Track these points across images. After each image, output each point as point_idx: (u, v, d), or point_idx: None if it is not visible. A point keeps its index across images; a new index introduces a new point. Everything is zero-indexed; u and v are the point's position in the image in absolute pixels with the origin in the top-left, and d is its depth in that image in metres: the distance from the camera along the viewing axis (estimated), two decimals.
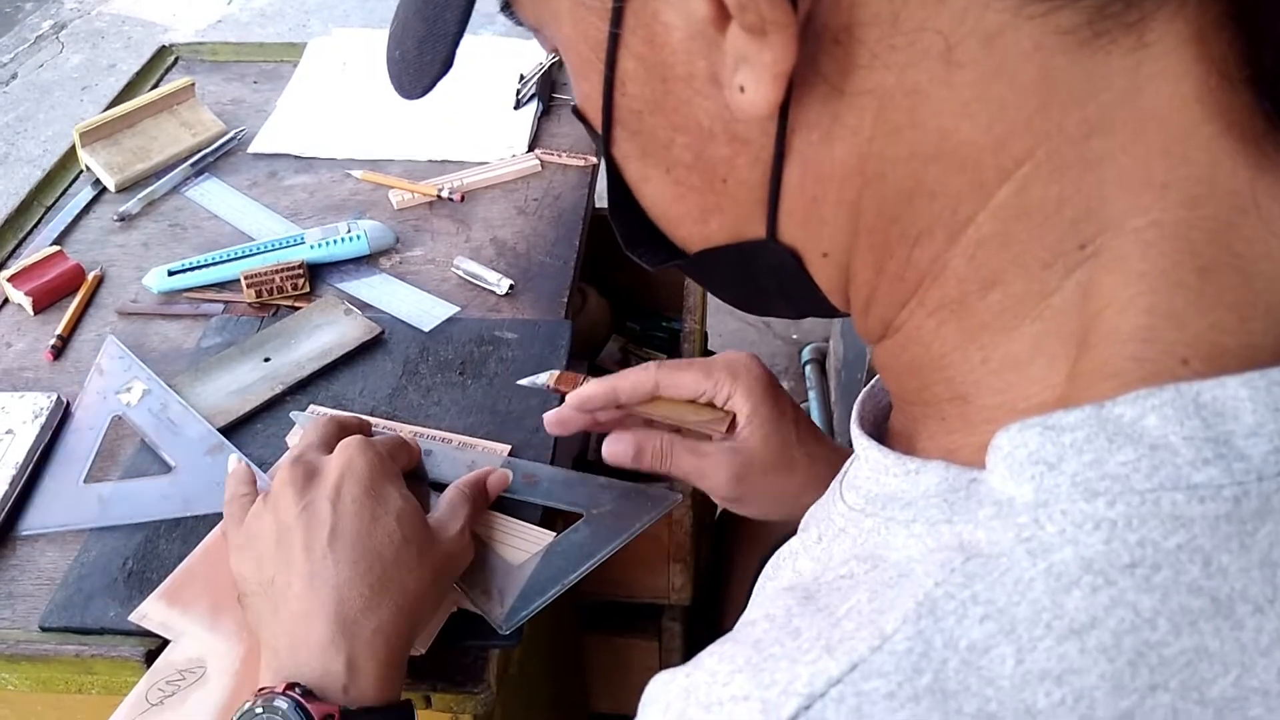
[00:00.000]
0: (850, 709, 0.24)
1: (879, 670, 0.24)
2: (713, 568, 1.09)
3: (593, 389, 0.63)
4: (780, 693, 0.25)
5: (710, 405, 0.61)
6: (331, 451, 0.61)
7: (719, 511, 1.09)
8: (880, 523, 0.31)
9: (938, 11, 0.26)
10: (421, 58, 0.39)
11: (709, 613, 1.06)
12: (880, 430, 0.41)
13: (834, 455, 0.63)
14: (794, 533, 0.58)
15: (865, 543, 0.31)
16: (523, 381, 0.67)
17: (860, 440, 0.36)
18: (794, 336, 2.20)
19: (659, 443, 0.61)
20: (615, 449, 0.62)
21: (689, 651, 1.07)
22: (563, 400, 0.63)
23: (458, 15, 0.36)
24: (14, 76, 3.41)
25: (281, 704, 0.49)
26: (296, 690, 0.50)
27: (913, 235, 0.30)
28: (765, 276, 0.37)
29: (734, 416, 0.60)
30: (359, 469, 0.58)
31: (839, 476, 0.39)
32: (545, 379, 0.66)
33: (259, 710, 0.50)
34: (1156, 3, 0.25)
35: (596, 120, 0.36)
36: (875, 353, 0.37)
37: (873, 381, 0.43)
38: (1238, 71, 0.25)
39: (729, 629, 0.33)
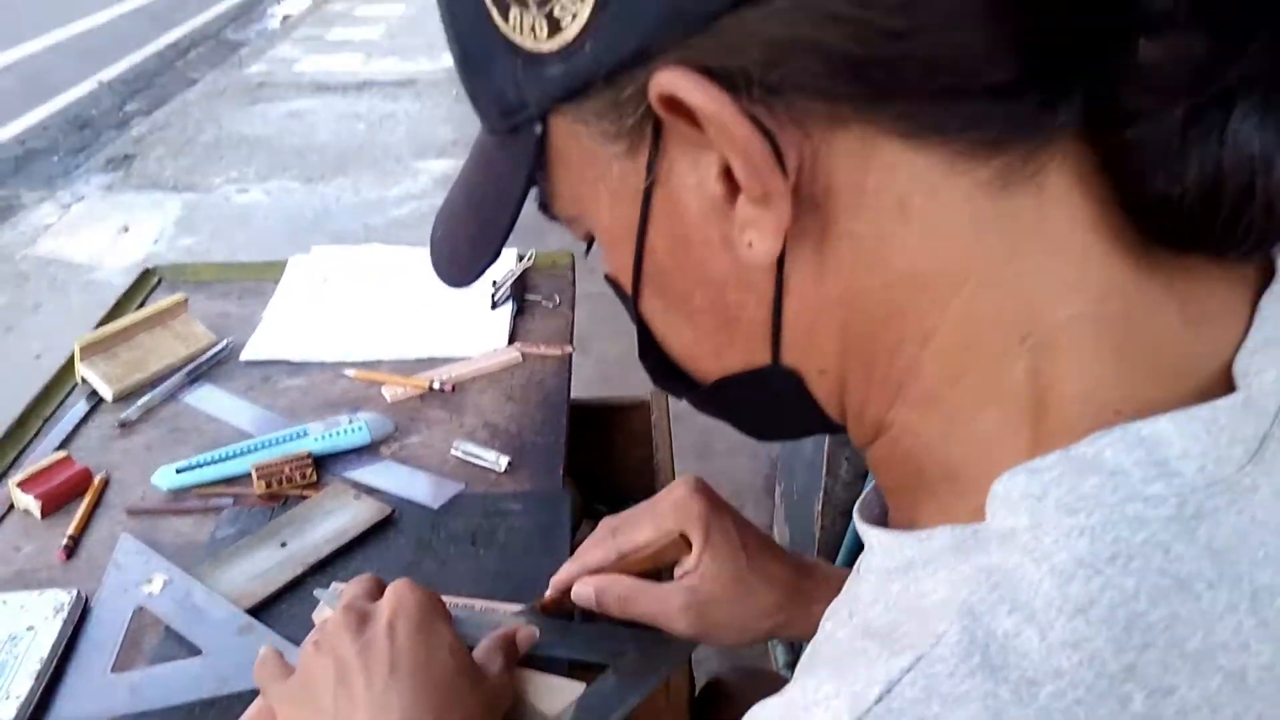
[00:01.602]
0: (922, 687, 0.30)
1: (939, 657, 0.30)
2: None
3: (564, 572, 0.72)
4: (864, 684, 0.31)
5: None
6: (376, 600, 0.65)
7: (699, 689, 1.12)
8: (908, 582, 0.37)
9: (893, 176, 0.34)
10: (474, 252, 0.47)
11: None
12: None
13: (794, 574, 0.69)
14: None
15: (898, 601, 0.37)
16: (514, 609, 0.76)
17: (869, 532, 0.42)
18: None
19: (619, 588, 0.68)
20: (580, 593, 0.69)
21: None
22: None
23: (508, 219, 0.44)
24: None
25: None
26: None
27: (891, 346, 0.37)
28: (772, 398, 0.44)
29: (686, 538, 0.67)
30: (410, 606, 0.62)
31: (852, 573, 0.46)
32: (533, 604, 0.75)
33: None
34: (1047, 159, 0.33)
35: (628, 285, 0.43)
36: (870, 453, 0.43)
37: (864, 493, 0.50)
38: (1115, 202, 0.34)
39: None
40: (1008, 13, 0.29)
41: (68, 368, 1.07)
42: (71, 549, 0.85)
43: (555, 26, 0.34)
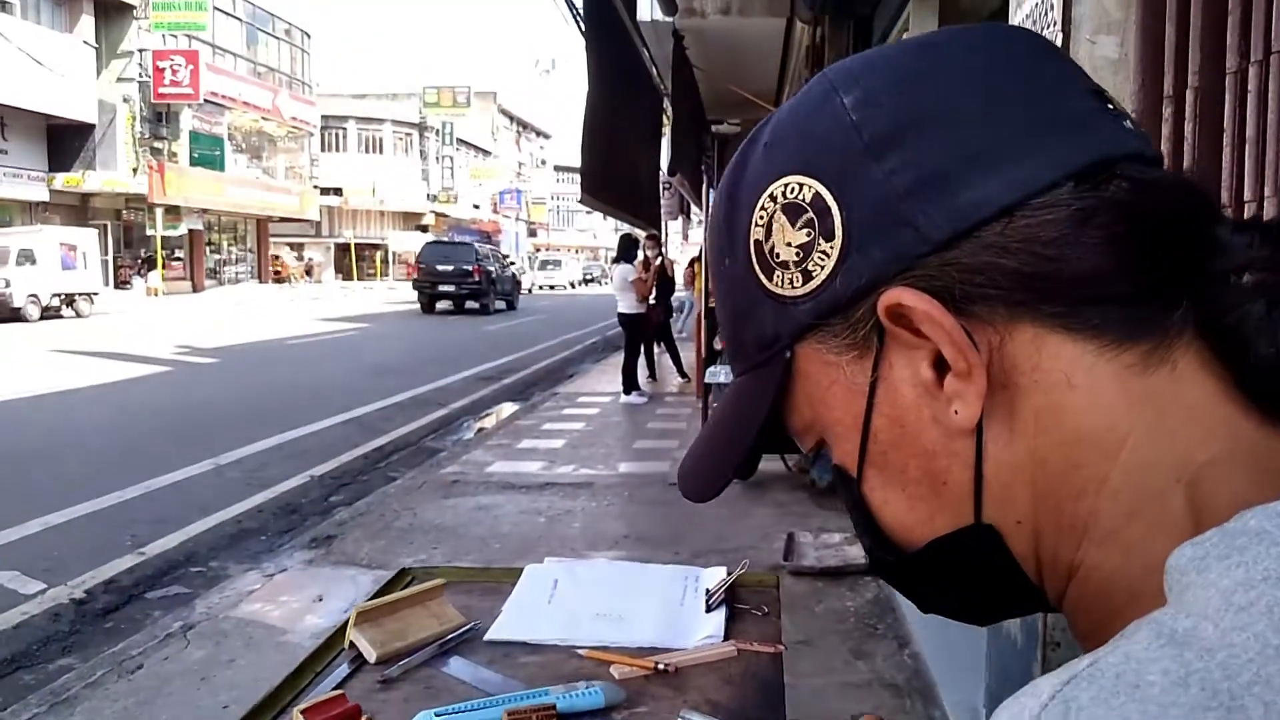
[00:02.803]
0: (1122, 654, 0.37)
1: (1135, 640, 0.37)
2: None
3: None
4: (1070, 668, 0.38)
5: None
6: None
7: None
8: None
9: (1058, 359, 0.43)
10: (722, 463, 0.58)
11: None
12: None
13: None
14: None
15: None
16: None
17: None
18: None
19: None
20: None
21: None
22: None
23: (756, 428, 0.55)
24: (139, 667, 3.65)
25: None
26: None
27: (1074, 494, 0.44)
28: (974, 558, 0.49)
29: None
30: None
31: None
32: None
33: None
34: (1174, 348, 0.45)
35: (853, 468, 0.50)
36: (1065, 604, 0.48)
37: None
38: (1231, 380, 0.45)
39: None
40: (1121, 249, 0.43)
41: (338, 634, 1.22)
42: None
43: (808, 278, 0.47)
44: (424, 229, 49.60)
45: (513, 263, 32.35)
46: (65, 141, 26.86)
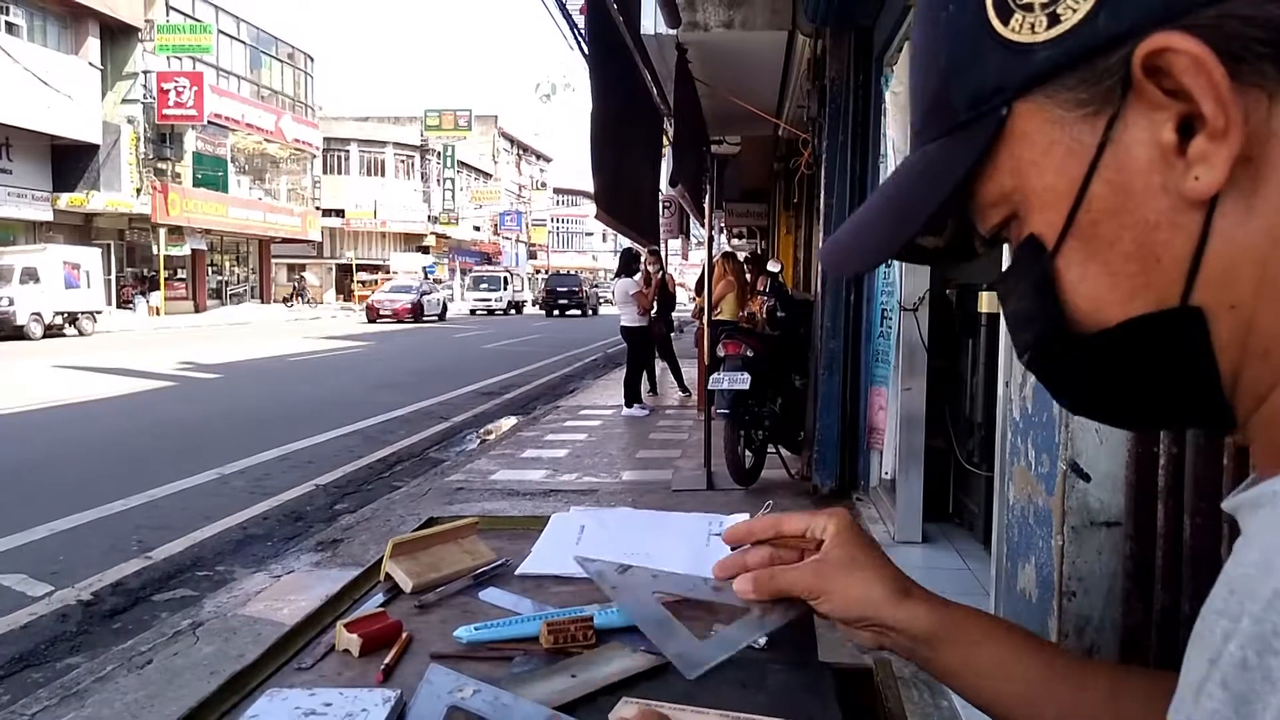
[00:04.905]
0: None
1: None
2: None
3: (732, 530, 0.92)
4: None
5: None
6: None
7: None
8: None
9: None
10: (880, 252, 0.54)
11: None
12: None
13: (897, 574, 0.80)
14: None
15: None
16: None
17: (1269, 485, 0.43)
18: None
19: (763, 572, 0.86)
20: (740, 586, 0.87)
21: None
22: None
23: (946, 192, 0.49)
24: (149, 662, 3.66)
25: None
26: None
27: None
28: (1165, 347, 0.45)
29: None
30: None
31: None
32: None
33: None
34: None
35: (1053, 238, 0.46)
36: (1264, 411, 0.44)
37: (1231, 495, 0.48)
38: None
39: None
40: None
41: (373, 567, 1.25)
42: (389, 673, 0.97)
43: (1054, 21, 0.43)
44: (425, 250, 49.77)
45: (596, 286, 47.72)
46: (69, 162, 27.05)
